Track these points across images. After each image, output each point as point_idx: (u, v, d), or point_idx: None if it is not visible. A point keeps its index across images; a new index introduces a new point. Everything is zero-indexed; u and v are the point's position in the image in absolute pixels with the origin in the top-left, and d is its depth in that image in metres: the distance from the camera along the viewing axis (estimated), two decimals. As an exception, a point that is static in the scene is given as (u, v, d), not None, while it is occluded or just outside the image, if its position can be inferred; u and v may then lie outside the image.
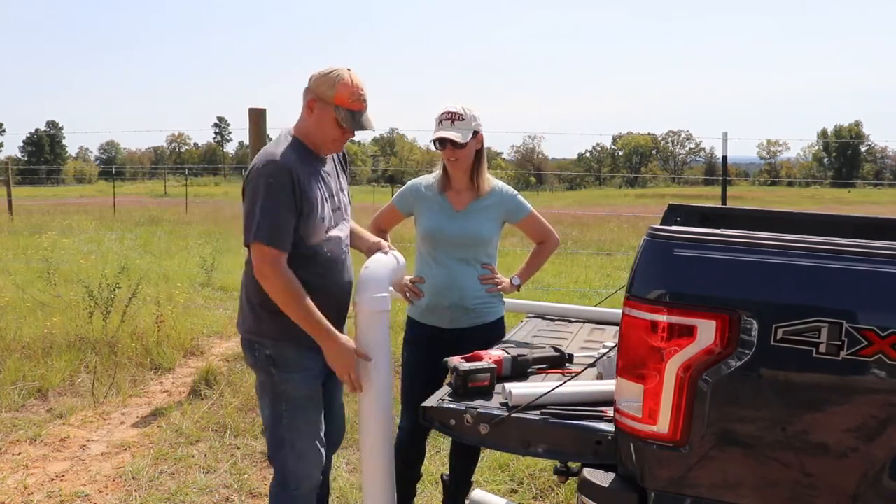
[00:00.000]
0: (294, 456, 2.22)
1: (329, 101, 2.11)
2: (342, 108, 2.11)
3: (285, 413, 2.22)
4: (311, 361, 2.22)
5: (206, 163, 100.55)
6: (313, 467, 2.26)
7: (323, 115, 2.14)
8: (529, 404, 1.87)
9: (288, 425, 2.22)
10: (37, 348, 5.09)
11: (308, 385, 2.23)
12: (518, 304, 3.21)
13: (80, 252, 9.85)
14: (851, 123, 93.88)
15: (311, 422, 2.25)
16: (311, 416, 2.25)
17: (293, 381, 2.21)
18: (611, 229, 16.15)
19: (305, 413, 2.23)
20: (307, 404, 2.24)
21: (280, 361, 2.20)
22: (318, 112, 2.14)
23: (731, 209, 3.02)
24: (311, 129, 2.19)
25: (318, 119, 2.15)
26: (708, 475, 1.58)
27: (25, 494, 3.23)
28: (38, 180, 51.65)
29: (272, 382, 2.22)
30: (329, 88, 2.10)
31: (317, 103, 2.14)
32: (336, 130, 2.16)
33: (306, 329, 2.11)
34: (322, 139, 2.19)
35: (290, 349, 2.19)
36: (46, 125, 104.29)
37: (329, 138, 2.19)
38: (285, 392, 2.21)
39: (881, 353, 1.45)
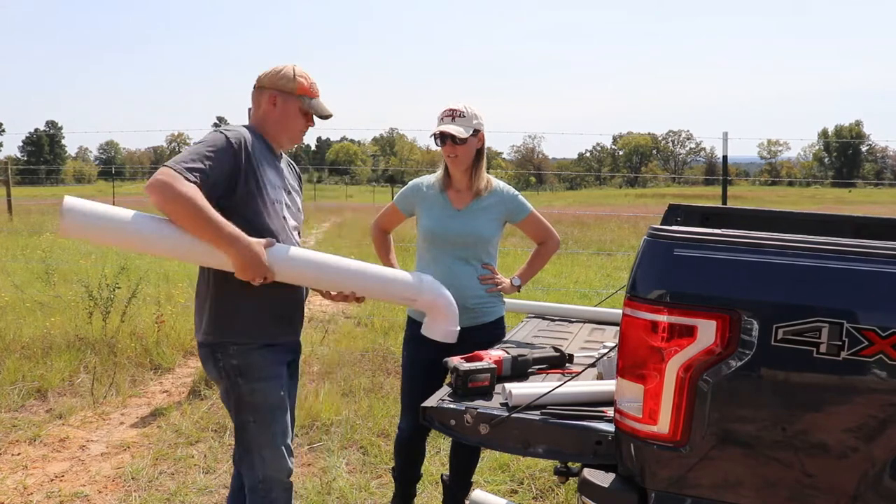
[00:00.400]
0: (261, 463, 2.20)
1: (292, 92, 2.20)
2: (305, 98, 2.22)
3: (251, 423, 2.18)
4: (279, 367, 2.21)
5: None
6: (282, 473, 2.23)
7: (287, 107, 2.21)
8: (529, 404, 1.86)
9: (255, 433, 2.18)
10: (36, 348, 5.09)
11: (276, 392, 2.19)
12: (518, 304, 3.20)
13: (80, 252, 9.85)
14: (852, 123, 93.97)
15: (279, 430, 2.21)
16: (279, 424, 2.21)
17: (262, 391, 2.17)
18: (611, 229, 16.16)
19: (273, 421, 2.19)
20: (274, 412, 2.19)
21: (246, 369, 2.15)
22: (282, 105, 2.21)
23: (732, 209, 3.02)
24: (273, 124, 2.23)
25: (282, 112, 2.22)
26: (708, 475, 1.57)
27: (25, 495, 3.23)
28: (37, 180, 51.65)
29: (238, 393, 2.17)
30: (289, 81, 2.20)
31: (279, 97, 2.20)
32: (300, 120, 2.25)
33: (204, 233, 1.93)
34: (287, 131, 2.25)
35: (255, 355, 2.15)
36: (46, 125, 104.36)
37: (295, 129, 2.26)
38: (253, 402, 2.17)
39: (882, 354, 1.44)
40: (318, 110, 2.26)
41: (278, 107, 2.21)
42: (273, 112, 2.22)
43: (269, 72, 2.23)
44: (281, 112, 2.22)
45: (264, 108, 2.23)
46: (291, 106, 2.22)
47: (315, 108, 2.25)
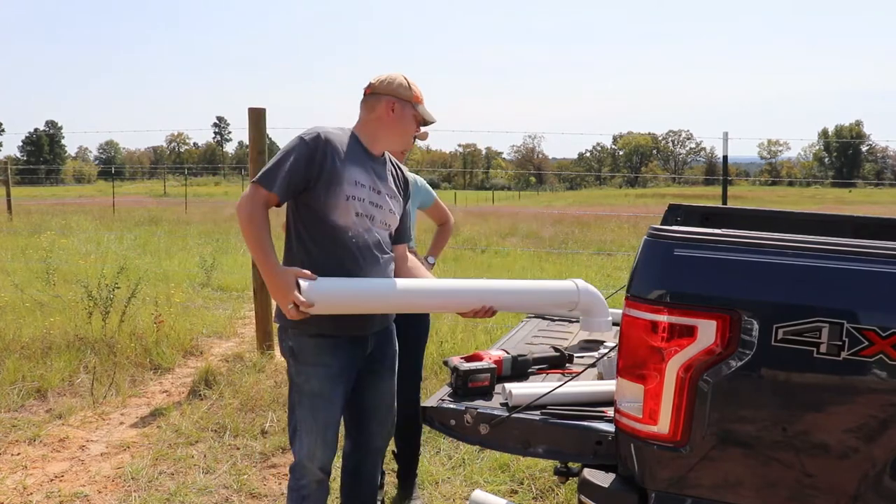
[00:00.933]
0: (300, 447, 2.28)
1: (410, 100, 2.34)
2: (421, 107, 2.37)
3: (297, 404, 2.29)
4: (330, 358, 2.25)
5: (205, 163, 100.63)
6: (315, 463, 2.27)
7: (404, 113, 2.34)
8: (529, 404, 1.86)
9: (300, 416, 2.28)
10: (36, 348, 5.09)
11: (321, 381, 2.25)
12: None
13: (80, 252, 9.85)
14: (852, 123, 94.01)
15: (320, 419, 2.26)
16: (321, 413, 2.26)
17: (307, 375, 2.26)
18: (611, 229, 16.15)
19: (315, 409, 2.26)
20: (318, 400, 2.26)
21: (298, 353, 2.28)
22: (400, 112, 2.33)
23: (732, 209, 3.02)
24: (385, 129, 2.35)
25: (399, 118, 2.34)
26: (708, 475, 1.57)
27: (24, 495, 3.23)
28: (37, 180, 51.67)
29: (291, 373, 2.32)
30: (407, 90, 2.34)
31: (397, 104, 2.33)
32: (413, 126, 2.38)
33: (255, 259, 2.17)
34: (402, 135, 2.39)
35: (308, 342, 2.25)
36: (46, 125, 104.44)
37: (409, 133, 2.40)
38: (299, 384, 2.28)
39: (882, 354, 1.44)
40: (428, 116, 2.39)
41: (396, 112, 2.33)
42: (390, 117, 2.33)
43: (382, 79, 2.34)
44: (398, 117, 2.34)
45: (379, 113, 2.33)
46: (408, 112, 2.34)
47: (425, 114, 2.38)
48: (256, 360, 5.06)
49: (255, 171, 5.10)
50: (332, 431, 2.29)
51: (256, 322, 5.33)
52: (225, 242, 12.19)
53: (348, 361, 2.28)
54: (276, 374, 4.79)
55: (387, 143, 2.39)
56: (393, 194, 2.40)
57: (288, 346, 2.29)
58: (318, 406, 2.25)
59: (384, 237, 2.35)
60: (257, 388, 4.48)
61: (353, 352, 2.29)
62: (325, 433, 2.27)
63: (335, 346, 2.25)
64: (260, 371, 4.88)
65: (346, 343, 2.27)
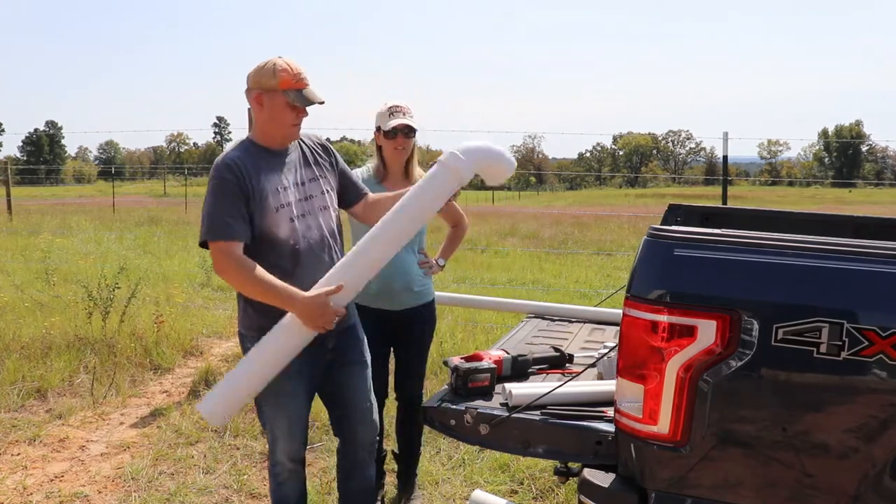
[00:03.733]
0: (271, 440, 2.39)
1: (275, 88, 2.18)
2: (290, 91, 2.19)
3: (262, 402, 2.35)
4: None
5: (205, 163, 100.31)
6: (284, 455, 2.38)
7: (273, 103, 2.20)
8: (529, 404, 1.86)
9: (267, 413, 2.37)
10: (36, 349, 5.09)
11: (281, 379, 2.25)
12: (518, 303, 3.20)
13: (79, 252, 9.85)
14: (852, 123, 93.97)
15: (284, 414, 2.34)
16: (285, 410, 2.34)
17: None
18: (611, 229, 16.14)
19: (278, 406, 2.34)
20: (281, 398, 2.32)
21: None
22: (269, 103, 2.20)
23: (732, 209, 3.02)
24: (265, 123, 2.25)
25: (269, 110, 2.21)
26: (708, 475, 1.57)
27: (24, 495, 3.23)
28: (37, 180, 51.65)
29: None
30: (271, 78, 2.18)
31: (264, 96, 2.20)
32: (290, 114, 2.22)
33: (270, 302, 2.15)
34: (279, 127, 2.24)
35: None
36: (46, 125, 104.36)
37: (286, 123, 2.24)
38: None
39: (882, 354, 1.44)
40: (306, 102, 2.21)
41: (266, 105, 2.20)
42: (262, 112, 2.23)
43: (252, 70, 2.22)
44: (269, 109, 2.21)
45: (254, 109, 2.25)
46: (277, 101, 2.19)
47: (300, 99, 2.20)
48: (256, 360, 5.05)
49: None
50: (297, 425, 2.37)
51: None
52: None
53: (309, 358, 2.28)
54: (276, 374, 4.78)
55: (272, 137, 2.27)
56: (318, 174, 2.37)
57: (247, 348, 2.29)
58: (280, 403, 2.33)
59: (330, 222, 2.35)
60: (257, 388, 4.48)
61: (311, 350, 2.27)
62: (291, 427, 2.36)
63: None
64: (260, 371, 4.87)
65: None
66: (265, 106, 2.20)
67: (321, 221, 2.31)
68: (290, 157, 2.33)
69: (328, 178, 2.41)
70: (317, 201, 2.32)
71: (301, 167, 2.33)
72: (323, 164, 2.41)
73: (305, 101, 2.21)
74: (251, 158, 2.22)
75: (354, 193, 2.49)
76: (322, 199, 2.34)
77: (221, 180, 2.15)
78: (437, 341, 5.18)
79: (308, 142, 2.42)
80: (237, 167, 2.17)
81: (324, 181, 2.38)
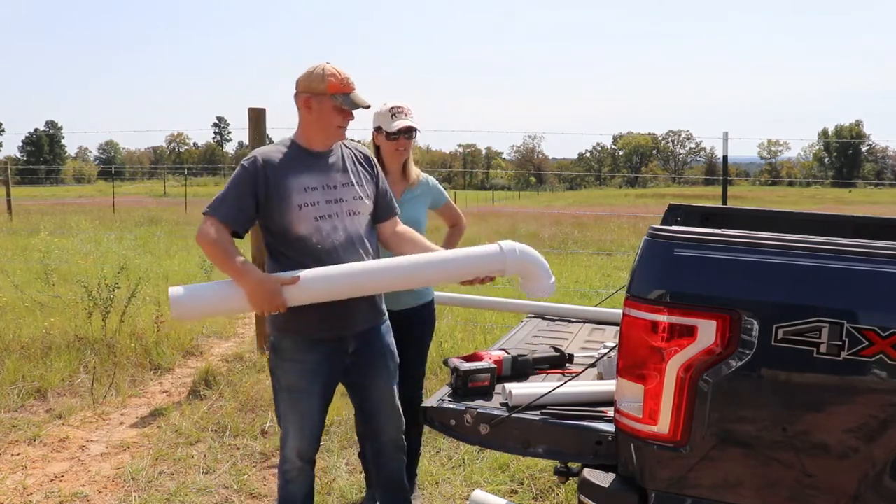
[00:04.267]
0: (283, 436, 2.44)
1: (324, 92, 2.29)
2: (338, 95, 2.29)
3: (278, 395, 2.44)
4: (307, 355, 2.36)
5: (205, 162, 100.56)
6: (294, 452, 2.42)
7: (322, 107, 2.31)
8: (529, 404, 1.86)
9: (281, 409, 2.43)
10: (36, 349, 5.09)
11: (297, 376, 2.37)
12: (518, 304, 3.20)
13: (79, 252, 9.85)
14: (852, 123, 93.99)
15: (297, 411, 2.39)
16: (299, 406, 2.39)
17: (284, 369, 2.39)
18: (611, 229, 16.14)
19: (293, 402, 2.40)
20: (296, 394, 2.38)
21: (277, 348, 2.40)
22: (317, 106, 2.31)
23: (732, 209, 3.02)
24: (312, 125, 2.35)
25: (318, 113, 2.32)
26: (708, 475, 1.57)
27: (24, 495, 3.23)
28: (37, 180, 51.64)
29: (271, 366, 2.46)
30: (320, 82, 2.29)
31: (313, 99, 2.30)
32: (337, 117, 2.33)
33: (228, 274, 2.20)
34: (326, 129, 2.35)
35: (288, 340, 2.37)
36: (45, 125, 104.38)
37: (333, 125, 2.34)
38: (278, 377, 2.42)
39: (882, 354, 1.44)
40: (353, 105, 2.32)
41: (314, 108, 2.31)
42: (310, 115, 2.33)
43: (302, 74, 2.33)
44: (317, 112, 2.32)
45: (302, 112, 2.35)
46: (325, 105, 2.30)
47: (349, 103, 2.31)
48: (256, 360, 5.06)
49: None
50: (309, 423, 2.41)
51: (256, 322, 5.33)
52: (225, 242, 12.15)
53: (325, 358, 2.37)
54: (276, 374, 4.79)
55: (318, 140, 2.37)
56: (354, 180, 2.42)
57: (270, 340, 2.43)
58: (295, 399, 2.39)
59: (358, 228, 2.38)
60: (257, 388, 4.48)
61: (331, 349, 2.37)
62: (303, 425, 2.40)
63: (313, 343, 2.36)
64: (260, 371, 4.88)
65: (324, 341, 2.36)
66: (313, 109, 2.31)
67: (347, 224, 2.36)
68: (329, 160, 2.41)
69: (364, 186, 2.45)
70: (346, 205, 2.37)
71: (337, 171, 2.40)
72: (361, 173, 2.47)
73: (352, 105, 2.31)
74: (285, 157, 2.33)
75: (385, 212, 2.52)
76: (352, 204, 2.39)
77: (241, 171, 2.29)
78: (437, 341, 5.18)
79: (350, 149, 2.50)
80: (259, 164, 2.28)
81: (358, 188, 2.43)
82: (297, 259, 2.26)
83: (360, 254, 2.35)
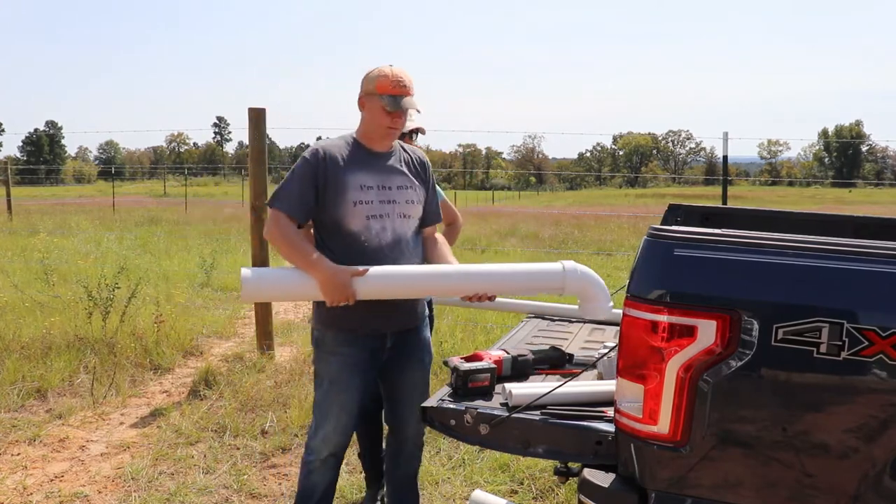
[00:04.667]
0: (314, 426, 2.49)
1: (373, 92, 2.36)
2: (385, 96, 2.35)
3: (318, 388, 2.49)
4: (347, 348, 2.42)
5: (205, 163, 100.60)
6: (322, 443, 2.46)
7: (371, 106, 2.39)
8: (529, 404, 1.86)
9: (318, 400, 2.49)
10: (36, 349, 5.09)
11: (338, 368, 2.43)
12: (518, 304, 3.20)
13: (79, 252, 9.85)
14: (852, 123, 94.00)
15: (335, 403, 2.44)
16: (336, 398, 2.44)
17: (326, 362, 2.46)
18: (611, 229, 16.14)
19: (330, 393, 2.45)
20: (334, 386, 2.44)
21: (320, 342, 2.48)
22: (368, 105, 2.40)
23: (732, 209, 3.01)
24: (366, 124, 2.43)
25: (368, 112, 2.40)
26: (708, 475, 1.57)
27: (24, 495, 3.23)
28: (37, 180, 51.66)
29: (314, 360, 2.54)
30: (371, 83, 2.38)
31: (365, 98, 2.40)
32: (385, 117, 2.38)
33: (297, 265, 2.27)
34: (375, 129, 2.41)
35: (330, 334, 2.43)
36: (45, 125, 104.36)
37: (382, 126, 2.40)
38: (319, 370, 2.49)
39: (882, 354, 1.44)
40: (396, 107, 2.34)
41: (366, 107, 2.41)
42: (363, 113, 2.43)
43: (364, 76, 2.42)
44: (367, 112, 2.41)
45: (361, 111, 2.44)
46: (374, 104, 2.37)
47: (394, 104, 2.34)
48: (256, 361, 5.06)
49: (256, 171, 5.10)
50: (345, 416, 2.45)
51: (256, 322, 5.33)
52: (225, 242, 12.18)
53: (366, 352, 2.43)
54: (276, 375, 4.79)
55: (374, 138, 2.43)
56: (409, 184, 2.47)
57: (314, 336, 2.49)
58: (333, 391, 2.44)
59: (406, 230, 2.44)
60: (257, 388, 4.48)
61: (371, 344, 2.44)
62: (339, 418, 2.44)
63: (355, 338, 2.41)
64: (260, 371, 4.88)
65: (364, 337, 2.42)
66: (366, 107, 2.40)
67: (397, 226, 2.41)
68: (388, 161, 2.46)
69: (417, 190, 2.50)
70: (398, 207, 2.42)
71: (394, 173, 2.45)
72: (416, 177, 2.52)
73: (396, 107, 2.34)
74: (345, 152, 2.39)
75: (429, 218, 2.57)
76: (404, 207, 2.44)
77: (304, 163, 2.36)
78: (437, 341, 5.18)
79: (409, 153, 2.55)
80: (321, 157, 2.35)
81: (411, 191, 2.47)
82: (343, 255, 2.31)
83: (405, 256, 2.41)
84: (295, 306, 7.68)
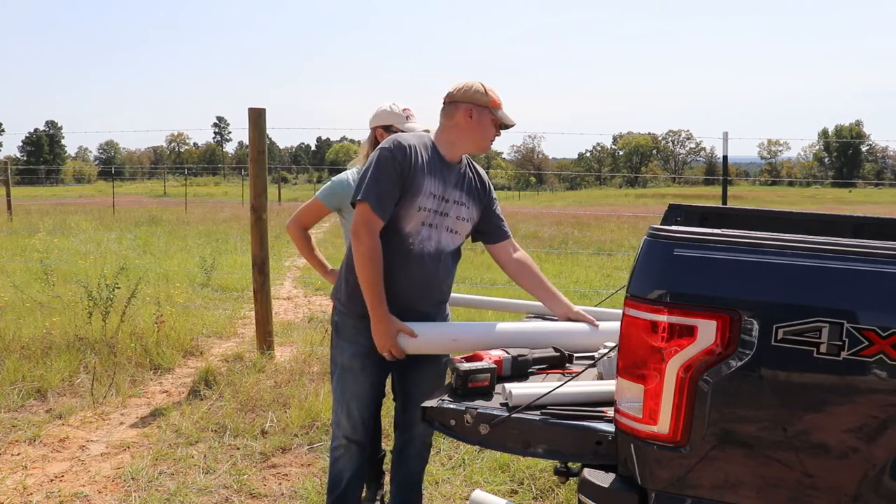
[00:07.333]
0: (335, 414, 2.55)
1: (486, 105, 2.43)
2: (499, 111, 2.45)
3: (334, 375, 2.56)
4: (364, 339, 2.41)
5: (205, 163, 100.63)
6: (340, 430, 2.53)
7: (482, 119, 2.44)
8: (529, 404, 1.86)
9: (334, 384, 2.55)
10: (36, 349, 5.09)
11: (352, 357, 2.47)
12: (518, 304, 3.20)
13: (79, 252, 9.85)
14: (852, 123, 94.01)
15: (347, 391, 2.50)
16: (348, 386, 2.49)
17: (341, 349, 2.51)
18: (611, 229, 16.16)
19: (344, 381, 2.50)
20: (347, 374, 2.49)
21: (339, 329, 2.52)
22: (478, 117, 2.44)
23: (732, 209, 3.02)
24: (466, 134, 2.45)
25: (478, 123, 2.44)
26: (708, 476, 1.57)
27: (24, 495, 3.23)
28: (37, 180, 51.71)
29: (331, 346, 2.58)
30: (483, 96, 2.43)
31: (474, 110, 2.43)
32: (492, 130, 2.47)
33: (364, 295, 2.30)
34: (480, 140, 2.47)
35: (349, 321, 2.47)
36: (45, 125, 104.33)
37: (488, 138, 2.48)
38: (335, 356, 2.55)
39: (882, 354, 1.44)
40: (507, 120, 2.48)
41: (475, 119, 2.43)
42: (468, 123, 2.44)
43: (460, 87, 2.45)
44: (477, 123, 2.44)
45: (457, 120, 2.44)
46: (485, 117, 2.43)
47: (503, 118, 2.46)
48: (256, 361, 5.06)
49: (256, 171, 5.10)
50: (356, 404, 2.50)
51: (256, 322, 5.33)
52: (225, 243, 12.19)
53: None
54: (276, 374, 4.79)
55: (465, 147, 2.48)
56: (465, 201, 2.51)
57: (333, 320, 2.54)
58: (346, 379, 2.50)
59: (449, 245, 2.48)
60: (257, 388, 4.48)
61: None
62: (350, 405, 2.50)
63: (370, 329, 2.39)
64: (260, 371, 4.88)
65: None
66: (474, 118, 2.43)
67: (442, 239, 2.44)
68: (456, 173, 2.49)
69: (471, 209, 2.53)
70: (449, 221, 2.46)
71: (456, 188, 2.48)
72: (474, 196, 2.55)
73: (504, 121, 2.47)
74: (426, 155, 2.41)
75: (497, 235, 2.62)
76: (454, 223, 2.47)
77: (392, 157, 2.33)
78: (437, 341, 5.18)
79: (474, 169, 2.58)
80: (409, 153, 2.35)
81: (465, 209, 2.51)
82: (385, 253, 2.32)
83: (442, 270, 2.45)
84: (295, 306, 7.68)
